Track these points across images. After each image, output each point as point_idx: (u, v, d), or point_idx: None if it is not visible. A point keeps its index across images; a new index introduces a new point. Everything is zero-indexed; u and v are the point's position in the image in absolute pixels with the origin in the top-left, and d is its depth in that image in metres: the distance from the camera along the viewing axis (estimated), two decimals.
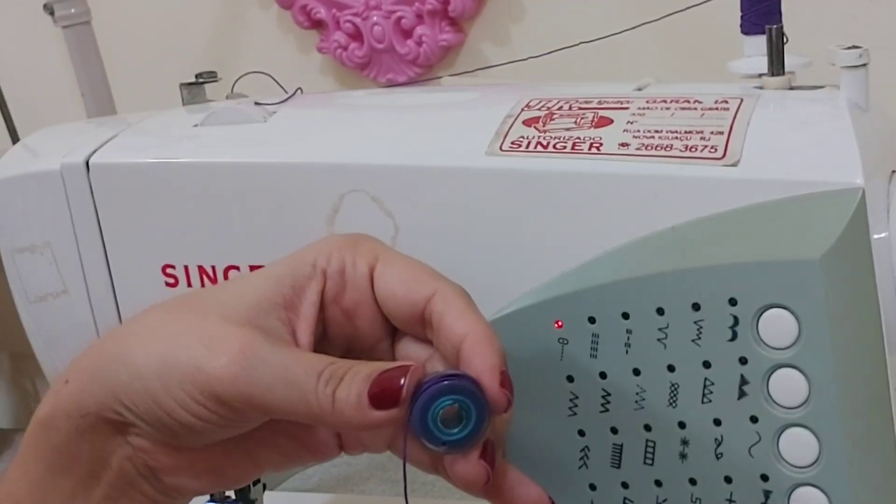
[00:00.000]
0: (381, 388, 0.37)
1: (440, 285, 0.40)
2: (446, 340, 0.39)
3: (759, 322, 0.41)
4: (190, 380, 0.37)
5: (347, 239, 0.42)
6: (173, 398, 0.37)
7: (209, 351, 0.37)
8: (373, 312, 0.41)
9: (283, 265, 0.41)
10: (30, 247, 0.56)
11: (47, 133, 0.62)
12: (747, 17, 0.53)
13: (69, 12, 0.92)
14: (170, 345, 0.38)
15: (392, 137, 0.52)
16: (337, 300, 0.41)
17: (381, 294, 0.41)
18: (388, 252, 0.41)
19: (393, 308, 0.41)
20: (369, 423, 0.37)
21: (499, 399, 0.37)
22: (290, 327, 0.40)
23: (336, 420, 0.37)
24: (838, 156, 0.43)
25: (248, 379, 0.37)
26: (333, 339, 0.42)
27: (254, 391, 0.37)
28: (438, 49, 1.03)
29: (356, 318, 0.41)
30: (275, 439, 0.42)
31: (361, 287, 0.41)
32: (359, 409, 0.36)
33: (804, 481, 0.42)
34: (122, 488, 0.40)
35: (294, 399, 0.37)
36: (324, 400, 0.37)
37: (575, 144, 0.46)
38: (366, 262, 0.41)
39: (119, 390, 0.38)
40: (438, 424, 0.37)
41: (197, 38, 1.14)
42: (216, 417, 0.38)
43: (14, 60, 1.21)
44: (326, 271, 0.41)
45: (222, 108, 0.56)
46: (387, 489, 1.11)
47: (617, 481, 0.45)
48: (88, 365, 0.39)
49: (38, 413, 0.40)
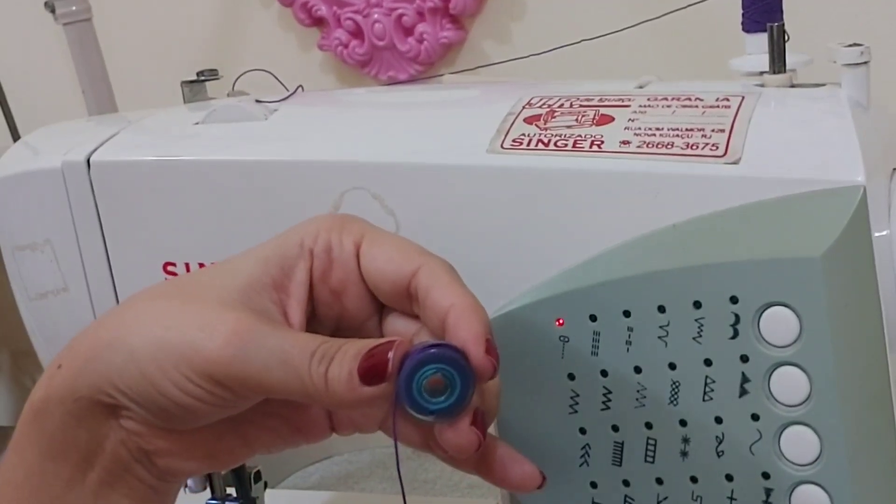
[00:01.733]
0: (370, 363, 0.37)
1: (425, 260, 0.40)
2: (432, 313, 0.39)
3: (761, 320, 0.41)
4: (186, 362, 0.38)
5: (333, 219, 0.42)
6: (169, 380, 0.38)
7: (204, 333, 0.38)
8: (360, 290, 0.42)
9: (270, 247, 0.42)
10: (30, 244, 0.56)
11: (48, 131, 0.62)
12: (748, 14, 0.53)
13: (70, 9, 0.92)
14: (164, 328, 0.38)
15: (393, 135, 0.52)
16: (324, 279, 0.42)
17: (367, 271, 0.41)
18: (373, 230, 0.42)
19: (380, 284, 0.41)
20: (360, 399, 0.37)
21: (484, 365, 0.37)
22: (282, 308, 0.40)
23: (330, 398, 0.37)
24: (839, 154, 0.43)
25: (245, 360, 0.37)
26: (322, 319, 0.42)
27: (250, 372, 0.37)
28: (439, 46, 1.03)
29: (344, 296, 0.42)
30: (266, 421, 0.42)
31: (348, 265, 0.41)
32: (350, 386, 0.37)
33: (805, 479, 0.42)
34: (117, 472, 0.40)
35: (290, 379, 0.37)
36: (317, 379, 0.37)
37: (576, 142, 0.46)
38: (352, 241, 0.41)
39: (113, 374, 0.38)
40: (423, 394, 0.37)
41: (198, 35, 1.14)
42: (212, 398, 0.38)
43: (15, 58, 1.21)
44: (313, 251, 0.41)
45: (223, 106, 0.56)
46: (388, 487, 1.11)
47: (618, 479, 0.45)
48: (82, 350, 0.40)
49: (31, 398, 0.40)
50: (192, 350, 0.38)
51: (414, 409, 0.37)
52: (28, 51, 1.23)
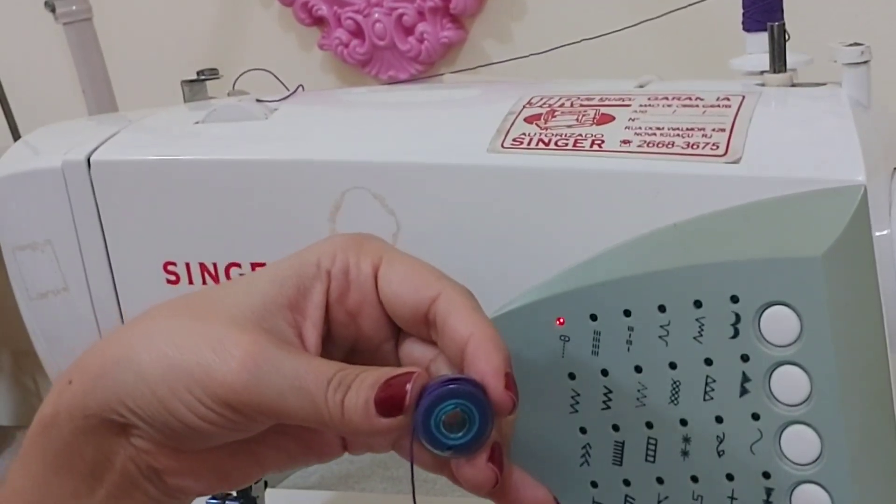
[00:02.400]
0: (387, 394, 0.36)
1: (445, 286, 0.39)
2: (451, 342, 0.39)
3: (761, 319, 0.41)
4: (198, 384, 0.37)
5: (351, 239, 0.41)
6: (181, 402, 0.37)
7: (217, 355, 0.37)
8: (377, 313, 0.41)
9: (286, 266, 0.41)
10: (31, 244, 0.56)
11: (48, 130, 0.62)
12: (749, 14, 0.53)
13: (70, 9, 0.92)
14: (176, 348, 0.38)
15: (393, 135, 0.52)
16: (341, 301, 0.41)
17: (385, 295, 0.40)
18: (392, 252, 0.41)
19: (397, 309, 0.40)
20: (377, 430, 0.37)
21: (503, 401, 0.37)
22: (297, 329, 0.40)
23: (345, 427, 0.37)
24: (840, 153, 0.43)
25: (259, 385, 0.37)
26: (337, 340, 0.41)
27: (264, 398, 0.37)
28: (440, 46, 1.03)
29: (360, 318, 0.41)
30: (279, 441, 0.41)
31: (365, 288, 0.40)
32: (366, 416, 0.36)
33: (806, 479, 0.42)
34: (125, 489, 0.40)
35: (305, 406, 0.37)
36: (333, 408, 0.36)
37: (576, 141, 0.46)
38: (370, 263, 0.40)
39: (124, 393, 0.38)
40: (442, 429, 0.37)
41: (198, 35, 1.14)
42: (224, 421, 0.37)
43: (15, 58, 1.21)
44: (331, 272, 0.40)
45: (224, 106, 0.56)
46: (388, 486, 1.11)
47: (619, 479, 0.45)
48: (92, 366, 0.39)
49: (40, 413, 0.40)
50: (204, 373, 0.37)
51: (431, 443, 0.37)
52: (28, 50, 1.23)
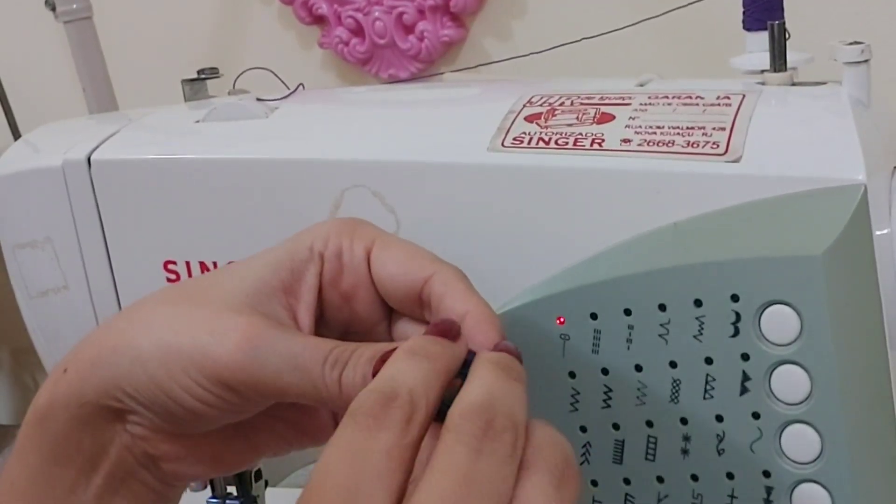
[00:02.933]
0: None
1: (438, 267, 0.40)
2: None
3: (761, 318, 0.41)
4: (196, 366, 0.37)
5: (344, 223, 0.42)
6: (178, 384, 0.38)
7: (214, 337, 0.37)
8: (370, 295, 0.41)
9: (280, 250, 0.41)
10: (31, 242, 0.56)
11: (49, 129, 0.62)
12: (749, 13, 0.53)
13: (70, 7, 0.92)
14: (173, 332, 0.38)
15: (394, 133, 0.52)
16: (334, 284, 0.41)
17: (378, 276, 0.41)
18: (384, 235, 0.42)
19: (390, 290, 0.41)
20: None
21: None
22: (292, 312, 0.40)
23: (343, 402, 0.37)
24: (840, 152, 0.43)
25: (256, 364, 0.37)
26: (331, 322, 0.42)
27: (262, 376, 0.37)
28: (440, 45, 1.03)
29: (354, 301, 0.42)
30: (274, 425, 0.42)
31: (359, 270, 0.41)
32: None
33: (806, 477, 0.42)
34: (121, 477, 0.40)
35: (302, 383, 0.37)
36: (331, 384, 0.37)
37: (577, 140, 0.46)
38: (363, 246, 0.41)
39: (121, 378, 0.38)
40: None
41: (198, 34, 1.14)
42: (222, 402, 0.38)
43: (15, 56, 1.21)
44: (324, 255, 0.41)
45: (224, 105, 0.56)
46: None
47: (619, 477, 0.45)
48: (88, 354, 0.39)
49: (35, 403, 0.40)
50: (202, 355, 0.37)
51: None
52: (29, 49, 1.22)
